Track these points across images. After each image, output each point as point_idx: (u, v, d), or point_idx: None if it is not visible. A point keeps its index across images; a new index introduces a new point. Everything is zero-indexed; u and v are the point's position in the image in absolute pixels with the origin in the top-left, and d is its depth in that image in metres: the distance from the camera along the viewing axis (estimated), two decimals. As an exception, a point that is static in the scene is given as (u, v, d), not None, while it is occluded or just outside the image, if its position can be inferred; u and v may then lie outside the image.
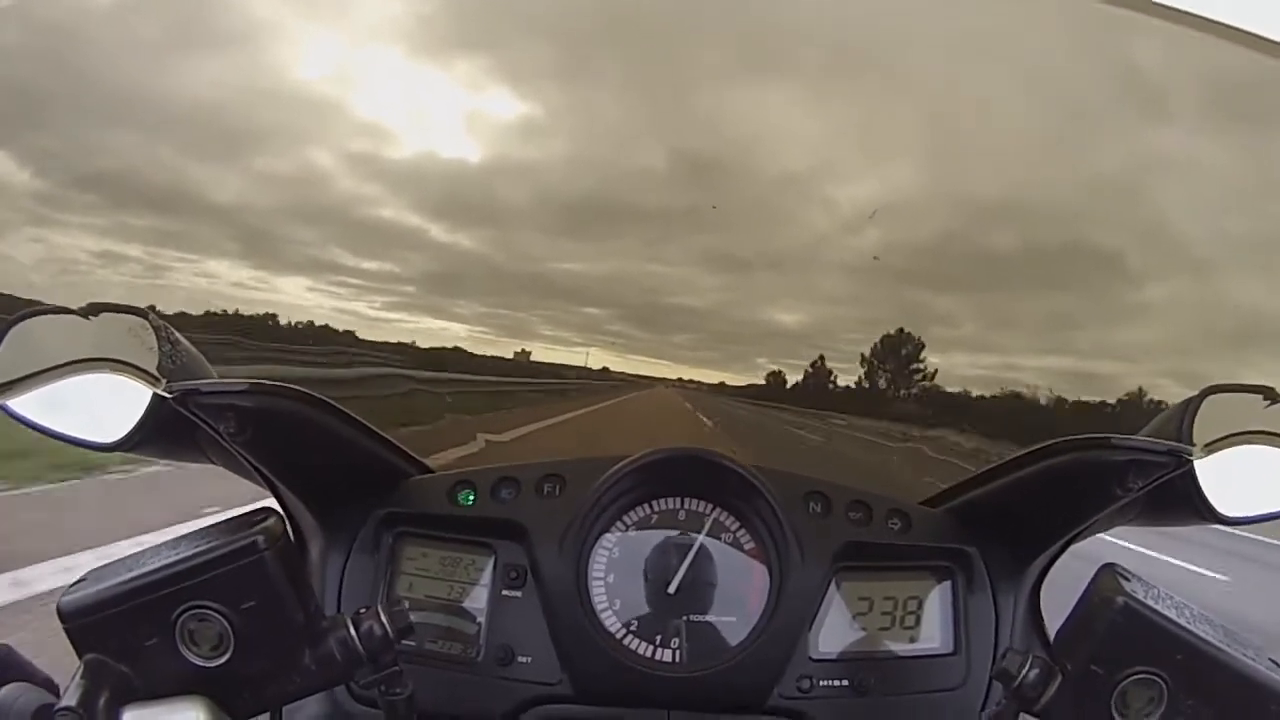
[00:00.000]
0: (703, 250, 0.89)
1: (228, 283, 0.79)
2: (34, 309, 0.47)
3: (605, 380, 0.90)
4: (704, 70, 0.90)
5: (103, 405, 0.49)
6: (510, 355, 0.90)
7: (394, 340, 0.88)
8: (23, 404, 0.47)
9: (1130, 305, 0.93)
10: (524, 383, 0.95)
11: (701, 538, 0.66)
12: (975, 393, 0.84)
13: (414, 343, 0.89)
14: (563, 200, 0.87)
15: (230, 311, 0.78)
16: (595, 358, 0.90)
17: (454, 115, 0.85)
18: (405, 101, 0.84)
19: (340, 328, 0.86)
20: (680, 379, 0.89)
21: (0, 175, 0.73)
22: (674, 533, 0.67)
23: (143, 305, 0.78)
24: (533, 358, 0.91)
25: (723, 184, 0.91)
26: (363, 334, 0.86)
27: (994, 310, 0.94)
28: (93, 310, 0.48)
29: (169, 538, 0.48)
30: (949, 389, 0.89)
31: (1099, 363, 0.88)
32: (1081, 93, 0.86)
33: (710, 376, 0.88)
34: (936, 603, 0.68)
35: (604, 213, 0.87)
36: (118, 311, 0.49)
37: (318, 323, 0.85)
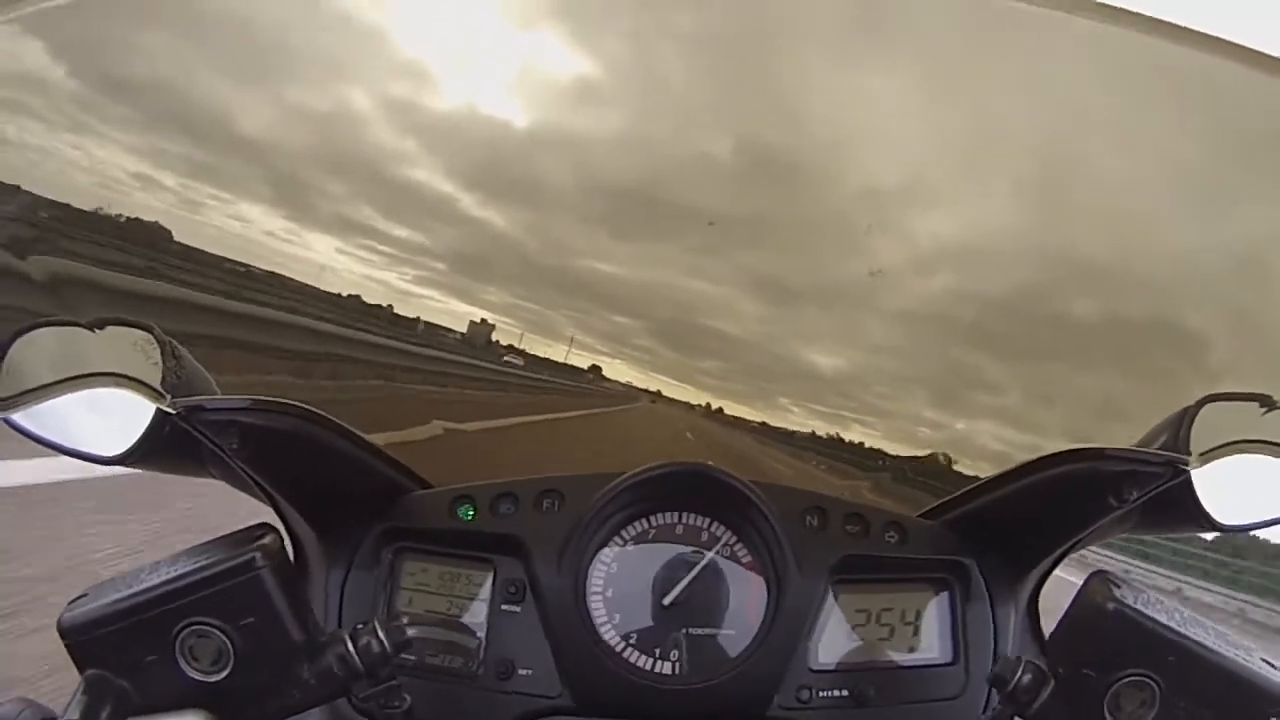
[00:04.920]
0: (751, 270, 0.81)
1: (260, 230, 0.75)
2: (38, 321, 0.45)
3: (622, 395, 0.87)
4: (799, 41, 0.76)
5: (107, 419, 0.48)
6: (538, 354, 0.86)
7: (426, 320, 0.84)
8: (26, 417, 0.46)
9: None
10: (548, 382, 0.91)
11: (710, 555, 0.67)
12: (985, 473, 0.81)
13: (424, 323, 0.85)
14: (608, 185, 0.78)
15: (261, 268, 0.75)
16: (616, 370, 0.86)
17: (503, 63, 0.74)
18: (452, 36, 0.72)
19: (371, 300, 0.82)
20: (705, 406, 0.85)
21: (38, 69, 0.67)
22: (675, 547, 0.68)
23: (179, 238, 0.76)
24: (548, 358, 0.87)
25: (791, 189, 0.80)
26: (396, 309, 0.82)
27: (1045, 383, 0.87)
28: (98, 324, 0.46)
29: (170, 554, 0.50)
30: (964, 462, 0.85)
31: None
32: (1206, 159, 0.74)
33: (732, 409, 0.84)
34: (935, 613, 0.70)
35: (651, 208, 0.78)
36: (123, 325, 0.47)
37: (348, 290, 0.81)
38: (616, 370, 0.86)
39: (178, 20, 0.69)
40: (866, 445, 0.87)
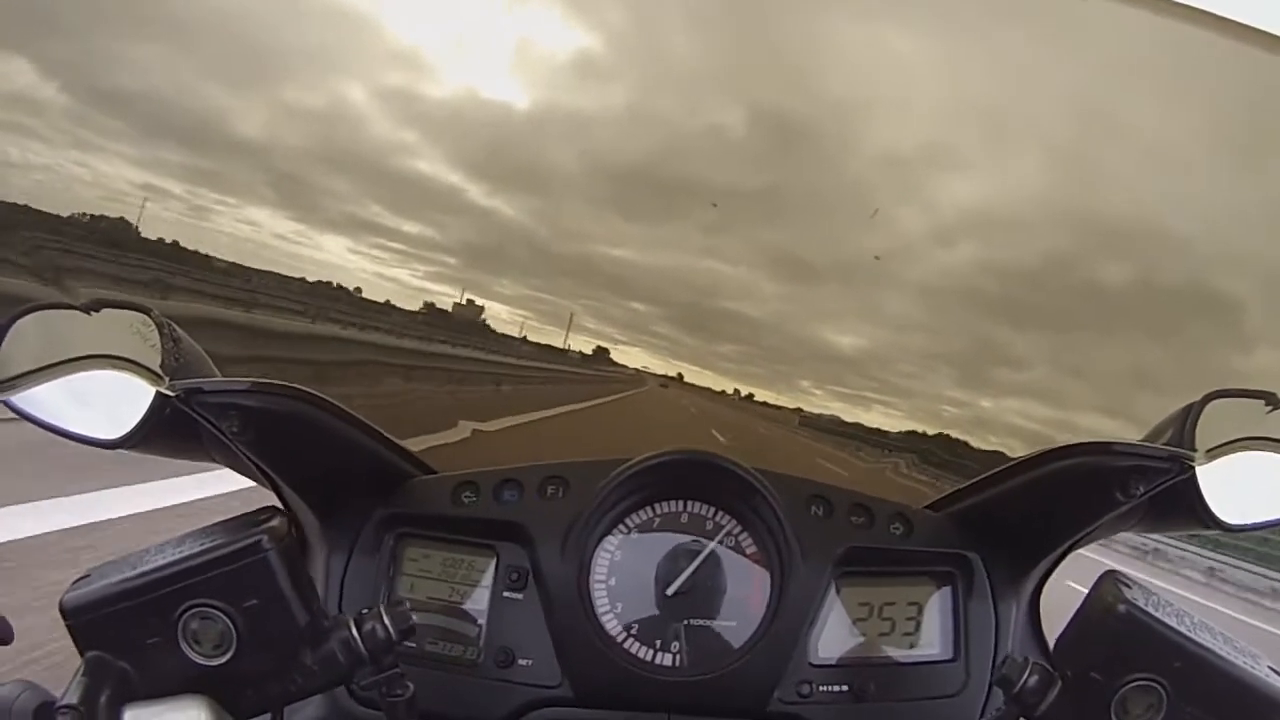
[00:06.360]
0: (768, 249, 0.78)
1: (270, 233, 0.75)
2: (36, 304, 0.45)
3: (633, 379, 0.85)
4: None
5: (106, 402, 0.48)
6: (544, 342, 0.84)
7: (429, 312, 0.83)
8: (25, 400, 0.46)
9: (1229, 372, 0.81)
10: (559, 371, 0.89)
11: (713, 545, 0.66)
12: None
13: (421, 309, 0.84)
14: (616, 166, 0.76)
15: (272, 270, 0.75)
16: (633, 357, 0.84)
17: (500, 42, 0.73)
18: (444, 20, 0.72)
19: (381, 298, 0.82)
20: (726, 391, 0.83)
21: (27, 87, 0.68)
22: (679, 536, 0.66)
23: (192, 247, 0.77)
24: (558, 346, 0.85)
25: (808, 159, 0.77)
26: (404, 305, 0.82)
27: (1073, 355, 0.83)
28: (95, 306, 0.46)
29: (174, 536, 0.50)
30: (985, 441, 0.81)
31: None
32: (1239, 123, 0.70)
33: (753, 393, 0.82)
34: (937, 608, 0.68)
35: (662, 187, 0.76)
36: (121, 308, 0.47)
37: (366, 291, 0.81)
38: (631, 357, 0.84)
39: (166, 29, 0.69)
40: (886, 427, 0.84)
